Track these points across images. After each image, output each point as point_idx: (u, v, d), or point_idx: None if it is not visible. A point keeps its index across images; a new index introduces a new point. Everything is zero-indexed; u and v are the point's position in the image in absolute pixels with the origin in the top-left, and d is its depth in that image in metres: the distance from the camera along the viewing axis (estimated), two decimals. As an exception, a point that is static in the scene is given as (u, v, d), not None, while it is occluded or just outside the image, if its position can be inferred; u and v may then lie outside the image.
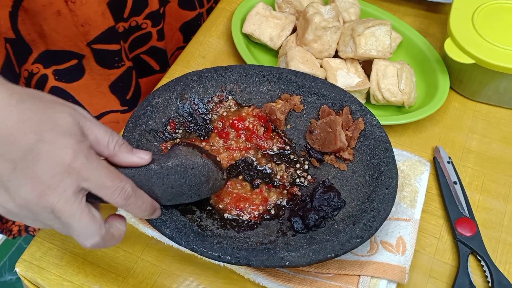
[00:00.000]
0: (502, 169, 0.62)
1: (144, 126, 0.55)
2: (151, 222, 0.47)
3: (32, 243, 0.54)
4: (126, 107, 0.68)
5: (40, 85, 0.62)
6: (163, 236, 0.53)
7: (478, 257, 0.54)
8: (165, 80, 0.70)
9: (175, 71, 0.71)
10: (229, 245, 0.46)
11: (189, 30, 0.77)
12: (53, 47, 0.60)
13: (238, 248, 0.45)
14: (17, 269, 0.53)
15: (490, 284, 0.52)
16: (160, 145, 0.55)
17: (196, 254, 0.52)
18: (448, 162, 0.61)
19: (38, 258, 0.53)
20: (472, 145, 0.64)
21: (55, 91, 0.63)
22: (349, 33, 0.67)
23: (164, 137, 0.56)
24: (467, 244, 0.54)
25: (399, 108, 0.67)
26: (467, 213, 0.57)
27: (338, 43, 0.69)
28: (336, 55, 0.69)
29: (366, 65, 0.69)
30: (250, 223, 0.51)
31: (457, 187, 0.59)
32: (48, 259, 0.53)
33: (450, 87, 0.68)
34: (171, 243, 0.53)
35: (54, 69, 0.62)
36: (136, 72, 0.69)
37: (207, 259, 0.52)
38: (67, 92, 0.64)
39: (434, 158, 0.62)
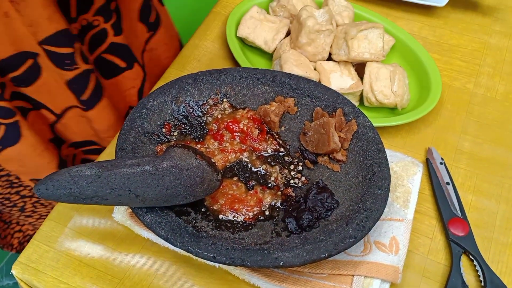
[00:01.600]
0: (494, 170, 0.62)
1: (139, 128, 0.56)
2: (147, 224, 0.47)
3: (28, 246, 0.55)
4: (84, 106, 0.67)
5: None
6: (159, 238, 0.54)
7: (471, 257, 0.54)
8: (160, 83, 0.71)
9: (170, 75, 0.72)
10: (224, 246, 0.46)
11: (145, 16, 0.73)
12: (5, 54, 0.58)
13: (232, 248, 0.46)
14: (13, 271, 0.53)
15: (482, 284, 0.52)
16: (156, 148, 0.56)
17: (191, 255, 0.52)
18: (441, 163, 0.62)
19: (35, 260, 0.54)
20: (464, 146, 0.65)
21: (15, 96, 0.62)
22: (342, 36, 0.68)
23: (159, 139, 0.57)
24: (460, 244, 0.55)
25: (392, 110, 0.68)
26: (460, 213, 0.58)
27: (331, 46, 0.69)
28: (329, 58, 0.70)
29: (359, 68, 0.70)
30: (244, 224, 0.51)
31: (450, 187, 0.60)
32: (45, 261, 0.54)
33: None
34: (167, 244, 0.54)
35: (12, 77, 0.60)
36: (100, 73, 0.68)
37: (202, 260, 0.53)
38: (27, 96, 0.63)
39: (427, 159, 0.63)
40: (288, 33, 0.73)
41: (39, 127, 0.67)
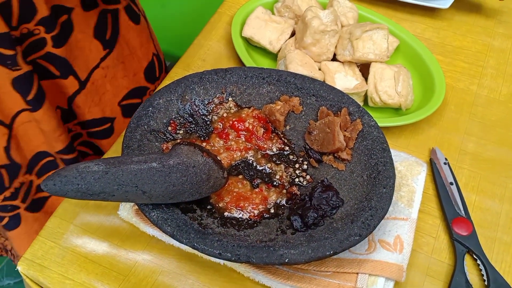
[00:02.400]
0: (498, 170, 0.63)
1: (145, 126, 0.56)
2: (153, 220, 0.48)
3: (34, 242, 0.55)
4: (31, 107, 0.65)
5: None
6: (164, 235, 0.54)
7: (474, 256, 0.54)
8: (165, 82, 0.71)
9: (176, 74, 0.72)
10: (230, 243, 0.46)
11: (101, 33, 0.71)
12: None
13: (238, 245, 0.46)
14: (19, 267, 0.54)
15: (486, 283, 0.53)
16: (161, 145, 0.56)
17: (196, 252, 0.53)
18: (445, 163, 0.62)
19: (40, 256, 0.54)
20: (468, 147, 0.65)
21: None
22: (347, 36, 0.69)
23: (165, 137, 0.57)
24: (464, 243, 0.55)
25: (396, 110, 0.68)
26: (463, 213, 0.58)
27: (336, 46, 0.70)
28: (334, 58, 0.71)
29: (364, 68, 0.70)
30: (250, 222, 0.51)
31: (454, 187, 0.60)
32: (50, 257, 0.54)
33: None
34: (172, 242, 0.54)
35: None
36: (37, 75, 0.67)
37: (208, 258, 0.53)
38: None
39: (431, 160, 0.63)
40: (292, 34, 0.74)
41: None
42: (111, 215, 0.57)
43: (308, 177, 0.55)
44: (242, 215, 0.52)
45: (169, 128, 0.58)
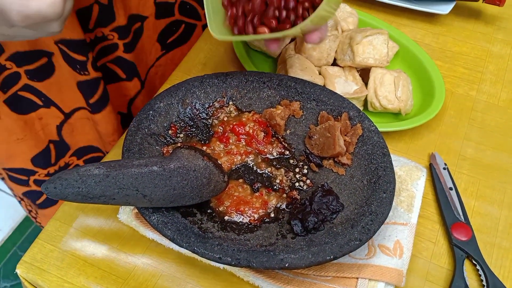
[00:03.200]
0: (497, 176, 0.63)
1: (146, 130, 0.56)
2: (153, 224, 0.47)
3: (33, 245, 0.55)
4: (90, 109, 0.69)
5: (12, 81, 0.63)
6: (164, 239, 0.54)
7: (474, 261, 0.55)
8: (166, 85, 0.71)
9: (176, 77, 0.73)
10: (230, 247, 0.46)
11: (165, 38, 0.77)
12: (22, 49, 0.60)
13: (238, 250, 0.46)
14: (18, 270, 0.53)
15: (485, 288, 0.53)
16: (162, 149, 0.56)
17: (196, 256, 0.53)
18: (444, 169, 0.62)
19: (39, 260, 0.54)
20: (467, 152, 0.65)
21: (27, 89, 0.64)
22: (347, 41, 0.69)
23: (165, 141, 0.57)
24: (463, 249, 0.55)
25: (396, 115, 0.69)
26: (463, 218, 0.58)
27: (336, 51, 0.70)
28: (334, 63, 0.71)
29: (364, 73, 0.70)
30: (250, 226, 0.51)
31: (453, 192, 0.60)
32: (49, 261, 0.54)
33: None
34: (171, 245, 0.54)
35: (26, 69, 0.62)
36: (103, 80, 0.70)
37: (207, 262, 0.53)
38: (38, 91, 0.65)
39: (430, 165, 0.63)
40: (293, 38, 0.74)
41: (46, 124, 0.68)
42: (110, 218, 0.57)
43: (308, 181, 0.55)
44: (242, 219, 0.52)
45: (170, 131, 0.58)
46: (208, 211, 0.52)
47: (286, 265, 0.45)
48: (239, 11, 0.52)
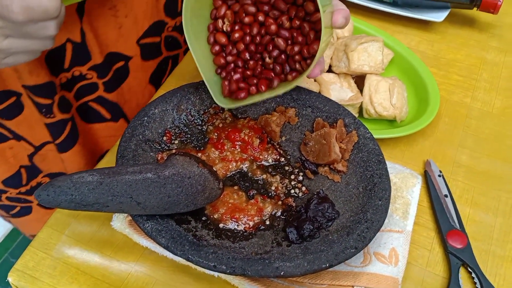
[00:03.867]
0: (492, 183, 0.63)
1: (140, 136, 0.56)
2: (147, 232, 0.47)
3: (25, 253, 0.54)
4: (57, 148, 0.68)
5: None
6: (157, 247, 0.53)
7: (469, 269, 0.54)
8: (160, 92, 0.71)
9: (170, 84, 0.72)
10: (225, 255, 0.46)
11: (158, 78, 0.76)
12: None
13: (233, 258, 0.46)
14: (9, 278, 0.53)
15: (481, 296, 0.53)
16: (156, 155, 0.56)
17: (190, 264, 0.52)
18: (439, 176, 0.62)
19: (31, 267, 0.53)
20: (462, 159, 0.65)
21: None
22: (343, 48, 0.69)
23: (160, 147, 0.57)
24: (458, 256, 0.55)
25: (391, 122, 0.69)
26: (458, 225, 0.58)
27: (331, 58, 0.70)
28: (329, 70, 0.71)
29: (359, 80, 0.71)
30: (245, 234, 0.51)
31: (448, 200, 0.60)
32: (41, 268, 0.53)
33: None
34: (165, 253, 0.53)
35: None
36: (81, 117, 0.69)
37: (201, 270, 0.52)
38: (7, 127, 0.63)
39: (425, 172, 0.63)
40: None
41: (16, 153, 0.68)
42: (103, 225, 0.57)
43: (303, 188, 0.55)
44: (237, 226, 0.52)
45: (164, 138, 0.57)
46: (203, 218, 0.52)
47: (282, 274, 0.44)
48: (232, 85, 0.55)
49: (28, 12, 0.38)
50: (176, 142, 0.58)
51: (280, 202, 0.54)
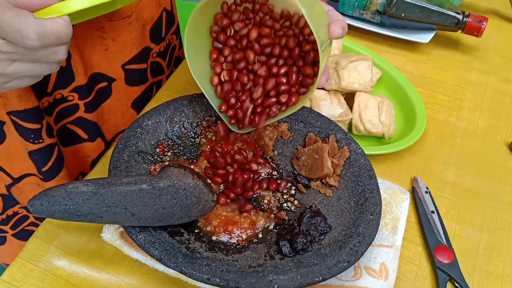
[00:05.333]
0: (477, 200, 0.65)
1: (133, 147, 0.55)
2: (140, 244, 0.47)
3: (12, 264, 0.53)
4: (42, 177, 0.66)
5: None
6: (148, 259, 0.53)
7: (456, 284, 0.55)
8: (152, 104, 0.71)
9: (163, 96, 0.72)
10: (218, 268, 0.46)
11: (142, 104, 0.75)
12: None
13: (227, 270, 0.46)
14: (-5, 290, 0.51)
15: (467, 311, 0.54)
16: (149, 167, 0.55)
17: (181, 277, 0.52)
18: (426, 192, 0.64)
19: (19, 279, 0.52)
20: (448, 177, 0.67)
21: None
22: (333, 66, 0.70)
23: (153, 159, 0.57)
24: (446, 271, 0.56)
25: (379, 139, 0.70)
26: (445, 241, 0.59)
27: (322, 75, 0.71)
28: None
29: (348, 97, 0.72)
30: (238, 246, 0.51)
31: (435, 216, 0.61)
32: (29, 280, 0.52)
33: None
34: (156, 266, 0.53)
35: None
36: (61, 142, 0.68)
37: (193, 282, 0.52)
38: None
39: (413, 188, 0.65)
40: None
41: None
42: (93, 237, 0.56)
43: (296, 202, 0.56)
44: (230, 239, 0.52)
45: (157, 149, 0.57)
46: (196, 231, 0.52)
47: (275, 287, 0.44)
48: (239, 114, 0.56)
49: (43, 38, 0.39)
50: (169, 154, 0.58)
51: (272, 216, 0.54)
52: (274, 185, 0.56)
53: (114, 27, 0.62)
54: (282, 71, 0.54)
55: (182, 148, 0.59)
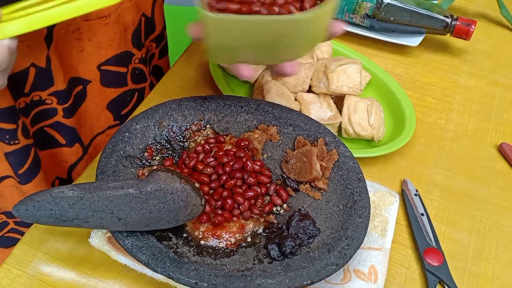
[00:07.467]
0: (466, 202, 0.65)
1: (121, 152, 0.55)
2: (127, 248, 0.46)
3: (-2, 270, 0.52)
4: (19, 179, 0.65)
5: None
6: (136, 264, 0.52)
7: (446, 286, 0.55)
8: (142, 108, 0.71)
9: (152, 100, 0.72)
10: (206, 272, 0.46)
11: (118, 108, 0.74)
12: None
13: (215, 275, 0.45)
14: (-19, 297, 0.51)
15: (457, 313, 0.54)
16: (137, 171, 0.55)
17: (170, 282, 0.51)
18: (415, 195, 0.64)
19: (5, 285, 0.51)
20: (437, 179, 0.67)
21: None
22: (322, 69, 0.71)
23: (141, 163, 0.56)
24: (435, 274, 0.56)
25: (369, 142, 0.70)
26: (434, 243, 0.59)
27: (312, 78, 0.71)
28: (309, 90, 0.72)
29: (338, 101, 0.72)
30: (226, 250, 0.51)
31: (424, 218, 0.61)
32: (16, 286, 0.51)
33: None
34: (145, 270, 0.52)
35: None
36: (38, 145, 0.67)
37: (182, 287, 0.52)
38: None
39: (402, 191, 0.65)
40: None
41: None
42: (81, 242, 0.56)
43: (285, 205, 0.56)
44: (219, 243, 0.52)
45: (146, 154, 0.57)
46: (184, 235, 0.51)
47: (263, 290, 0.44)
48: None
49: None
50: (158, 158, 0.58)
51: (262, 219, 0.54)
52: (263, 189, 0.56)
53: (90, 26, 0.61)
54: None
55: (170, 152, 0.59)
